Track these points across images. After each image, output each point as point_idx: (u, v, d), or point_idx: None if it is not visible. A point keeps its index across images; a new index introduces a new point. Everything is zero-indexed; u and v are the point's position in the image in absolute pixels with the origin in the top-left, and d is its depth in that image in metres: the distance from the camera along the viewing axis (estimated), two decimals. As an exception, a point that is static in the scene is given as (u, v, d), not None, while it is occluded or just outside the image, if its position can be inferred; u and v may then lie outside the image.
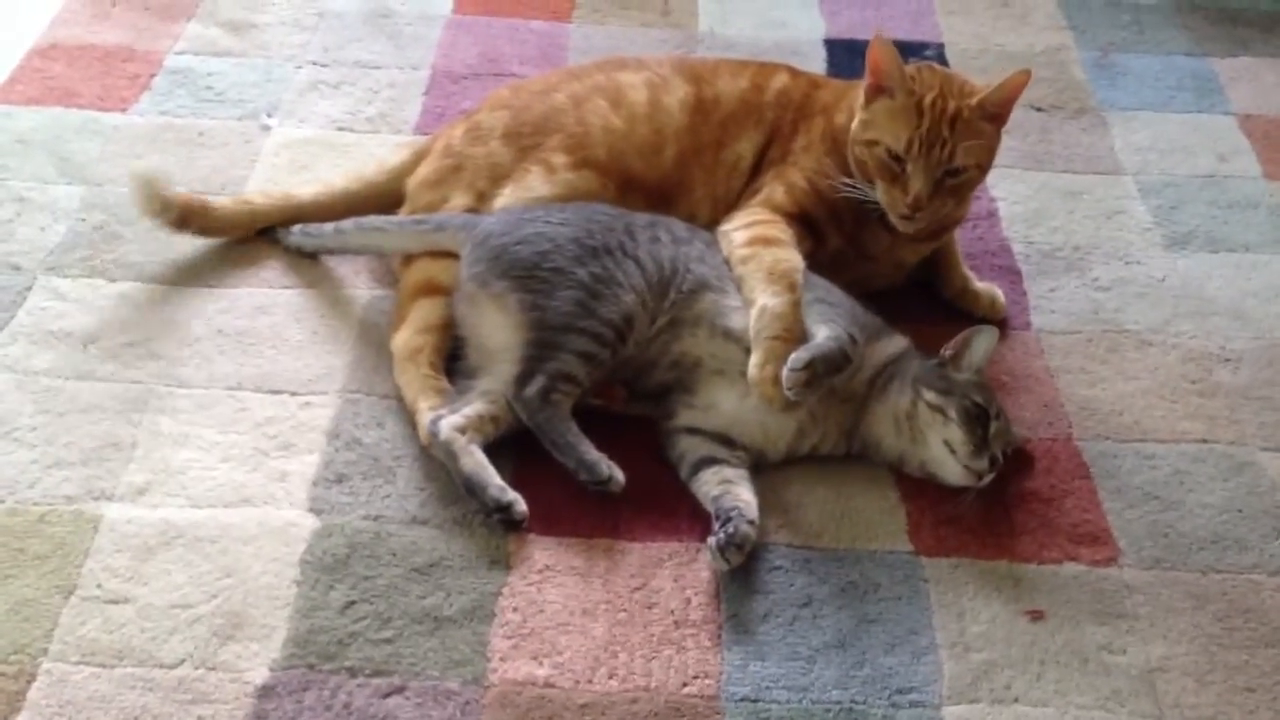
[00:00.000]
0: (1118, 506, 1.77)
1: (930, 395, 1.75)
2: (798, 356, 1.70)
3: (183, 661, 1.50)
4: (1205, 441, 1.88)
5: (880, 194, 1.91)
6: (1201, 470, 1.84)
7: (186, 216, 2.03)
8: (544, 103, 2.06)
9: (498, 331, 1.80)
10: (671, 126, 2.02)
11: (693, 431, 1.78)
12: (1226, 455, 1.86)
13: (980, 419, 1.73)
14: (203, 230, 2.06)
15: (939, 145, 1.86)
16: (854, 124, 1.92)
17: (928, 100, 1.86)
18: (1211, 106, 2.65)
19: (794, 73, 2.12)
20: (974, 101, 1.87)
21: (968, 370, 1.79)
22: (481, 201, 1.98)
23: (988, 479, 1.73)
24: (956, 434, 1.72)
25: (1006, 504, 1.77)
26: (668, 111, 2.03)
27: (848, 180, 1.93)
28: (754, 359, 1.75)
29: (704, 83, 2.07)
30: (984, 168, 1.93)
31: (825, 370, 1.70)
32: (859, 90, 1.97)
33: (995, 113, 1.90)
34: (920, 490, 1.77)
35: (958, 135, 1.86)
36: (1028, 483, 1.80)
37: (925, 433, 1.75)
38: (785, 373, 1.69)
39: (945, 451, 1.74)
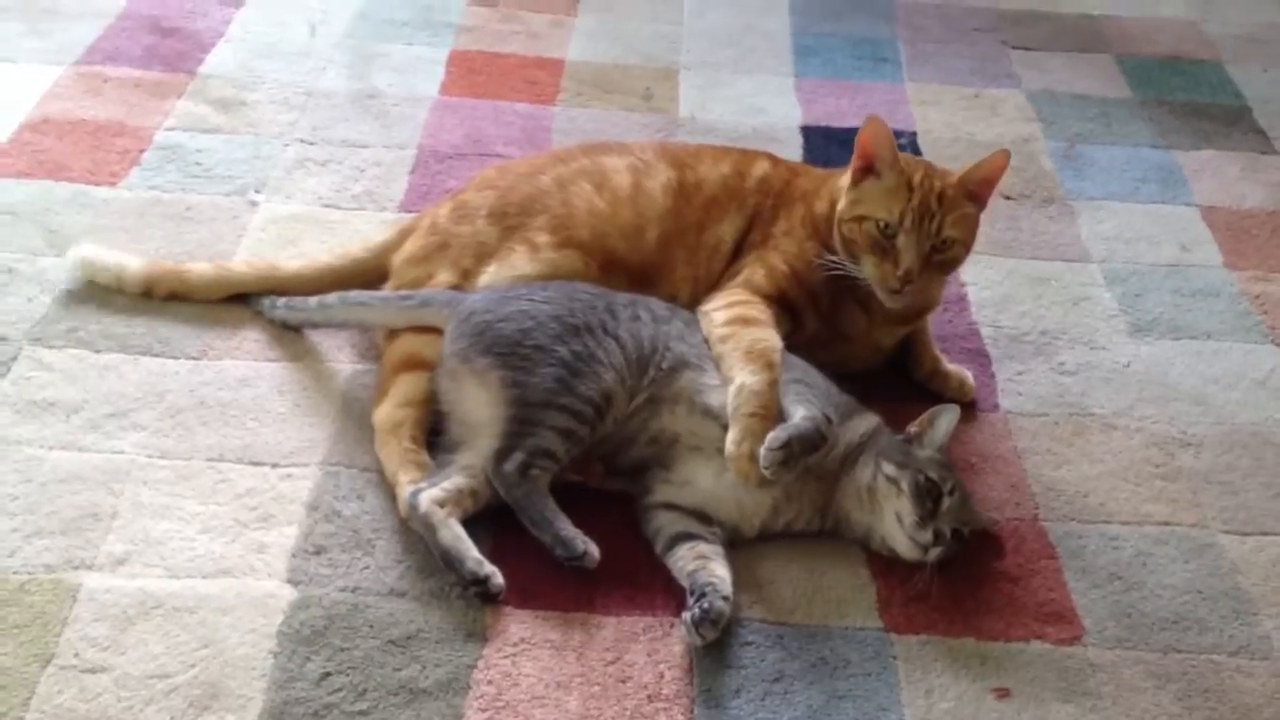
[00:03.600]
0: (1082, 586, 1.80)
1: (889, 468, 1.79)
2: (775, 436, 1.73)
3: (159, 731, 1.51)
4: (1168, 524, 1.92)
5: (869, 270, 1.95)
6: (1164, 552, 1.87)
7: (153, 288, 2.13)
8: (530, 184, 2.10)
9: (479, 407, 1.82)
10: (654, 209, 2.07)
11: (669, 507, 1.81)
12: (1188, 537, 1.90)
13: (931, 493, 1.75)
14: (177, 295, 2.14)
15: (929, 218, 1.92)
16: (841, 204, 1.98)
17: (917, 178, 1.94)
18: (1175, 198, 2.72)
19: (774, 160, 2.18)
20: (955, 179, 1.95)
21: (930, 447, 1.83)
22: (466, 279, 2.01)
23: (934, 554, 1.75)
24: (905, 505, 1.76)
25: (974, 582, 1.79)
26: (650, 195, 2.08)
27: (833, 258, 1.98)
28: (731, 436, 1.78)
29: (686, 167, 2.12)
30: (967, 246, 1.99)
31: (802, 450, 1.73)
32: (838, 178, 2.03)
33: (975, 191, 1.97)
34: (890, 568, 1.79)
35: (946, 209, 1.93)
36: (995, 562, 1.83)
37: (882, 504, 1.78)
38: (763, 452, 1.72)
39: (895, 523, 1.77)
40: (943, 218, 1.93)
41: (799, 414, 1.77)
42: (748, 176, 2.12)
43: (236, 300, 2.15)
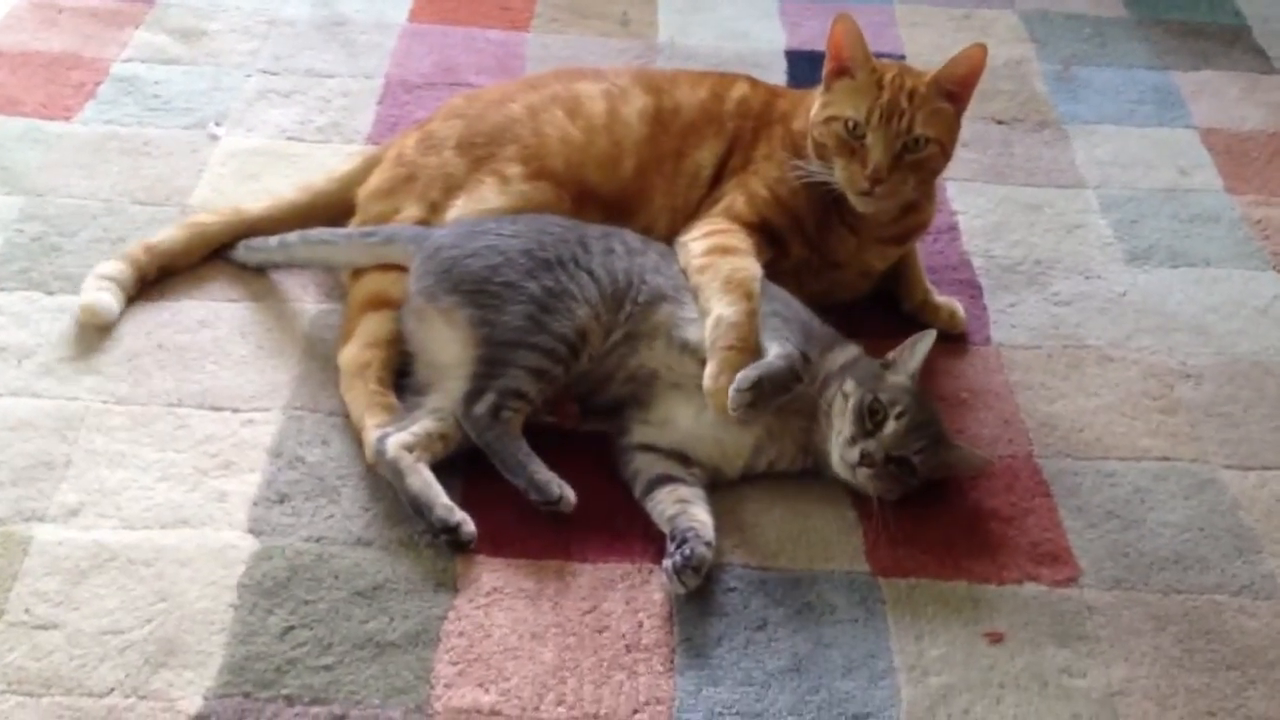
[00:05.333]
0: (1078, 525, 1.75)
1: (849, 384, 1.72)
2: (745, 376, 1.67)
3: (113, 690, 1.45)
4: (1167, 459, 1.86)
5: (839, 172, 1.89)
6: (1163, 488, 1.82)
7: (145, 274, 1.98)
8: (499, 113, 2.02)
9: (447, 347, 1.76)
10: (630, 138, 1.99)
11: (648, 449, 1.75)
12: (1188, 473, 1.84)
13: (875, 414, 1.69)
14: (166, 270, 2.00)
15: (898, 116, 1.86)
16: (814, 109, 1.93)
17: (888, 77, 1.88)
18: (1173, 120, 2.65)
19: (754, 82, 2.11)
20: (929, 77, 1.89)
21: (904, 373, 1.76)
22: (434, 213, 1.94)
23: (863, 476, 1.68)
24: (845, 420, 1.70)
25: (965, 523, 1.74)
26: (626, 122, 2.00)
27: (803, 164, 1.92)
28: (709, 369, 1.72)
29: (663, 93, 2.05)
30: (944, 148, 1.92)
31: (773, 390, 1.67)
32: (815, 95, 1.96)
33: (952, 90, 1.90)
34: (878, 509, 1.73)
35: (916, 106, 1.86)
36: (987, 501, 1.77)
37: (833, 421, 1.72)
38: (731, 393, 1.66)
39: (835, 438, 1.71)
40: (913, 115, 1.86)
41: (773, 351, 1.71)
42: (726, 100, 2.04)
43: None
